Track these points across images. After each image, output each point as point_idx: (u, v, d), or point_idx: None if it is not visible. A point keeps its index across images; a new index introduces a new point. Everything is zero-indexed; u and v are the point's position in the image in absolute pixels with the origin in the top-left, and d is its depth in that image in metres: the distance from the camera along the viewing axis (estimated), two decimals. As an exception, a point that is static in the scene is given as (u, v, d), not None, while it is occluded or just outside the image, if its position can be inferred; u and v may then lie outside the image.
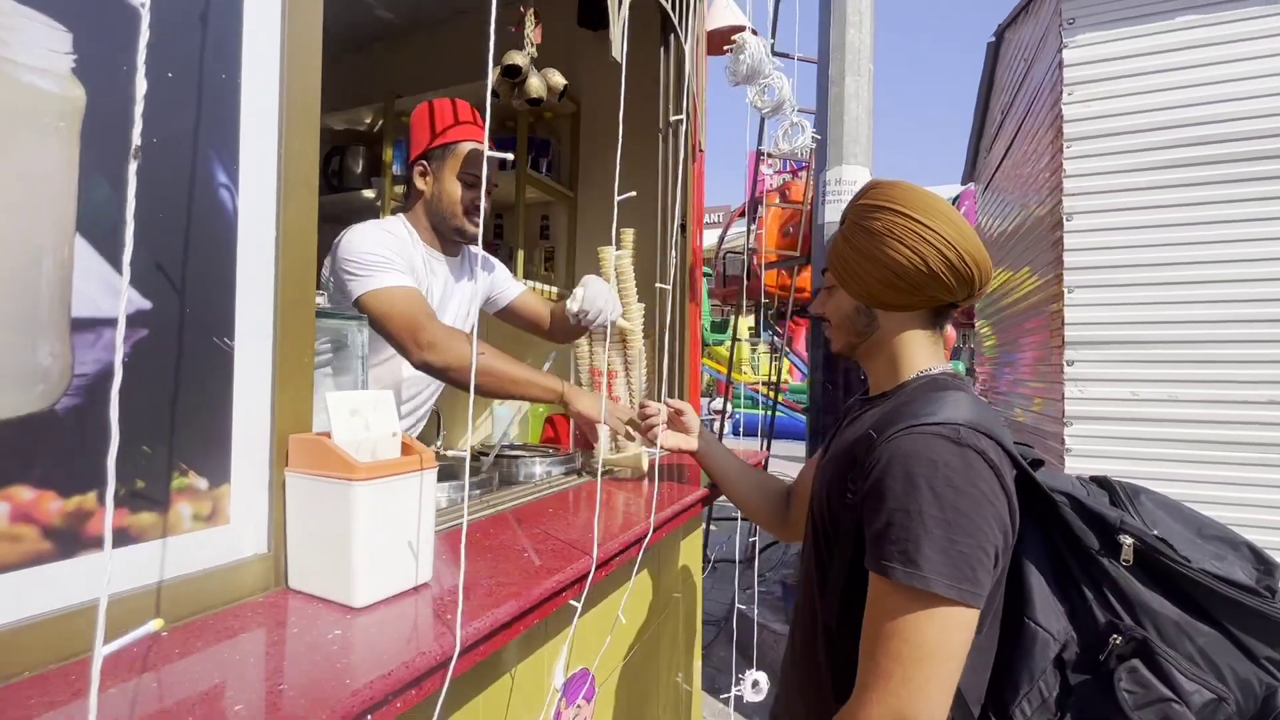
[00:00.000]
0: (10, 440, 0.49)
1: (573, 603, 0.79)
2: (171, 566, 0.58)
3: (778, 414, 3.83)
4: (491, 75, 1.32)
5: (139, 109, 0.31)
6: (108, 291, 0.54)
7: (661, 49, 1.89)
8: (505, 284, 1.67)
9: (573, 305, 1.39)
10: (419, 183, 1.40)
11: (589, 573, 0.80)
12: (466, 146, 1.39)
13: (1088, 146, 1.78)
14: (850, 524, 0.79)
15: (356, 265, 1.23)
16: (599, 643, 1.11)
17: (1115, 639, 0.73)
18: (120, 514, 0.55)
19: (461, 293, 1.53)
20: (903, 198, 0.85)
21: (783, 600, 3.18)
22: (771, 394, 4.02)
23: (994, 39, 2.75)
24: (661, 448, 1.21)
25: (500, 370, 1.27)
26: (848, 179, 3.49)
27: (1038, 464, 0.87)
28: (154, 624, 0.32)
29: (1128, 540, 0.75)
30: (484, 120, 1.39)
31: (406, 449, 0.72)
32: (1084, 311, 1.77)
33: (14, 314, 0.49)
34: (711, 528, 3.83)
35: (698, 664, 1.85)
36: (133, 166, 0.31)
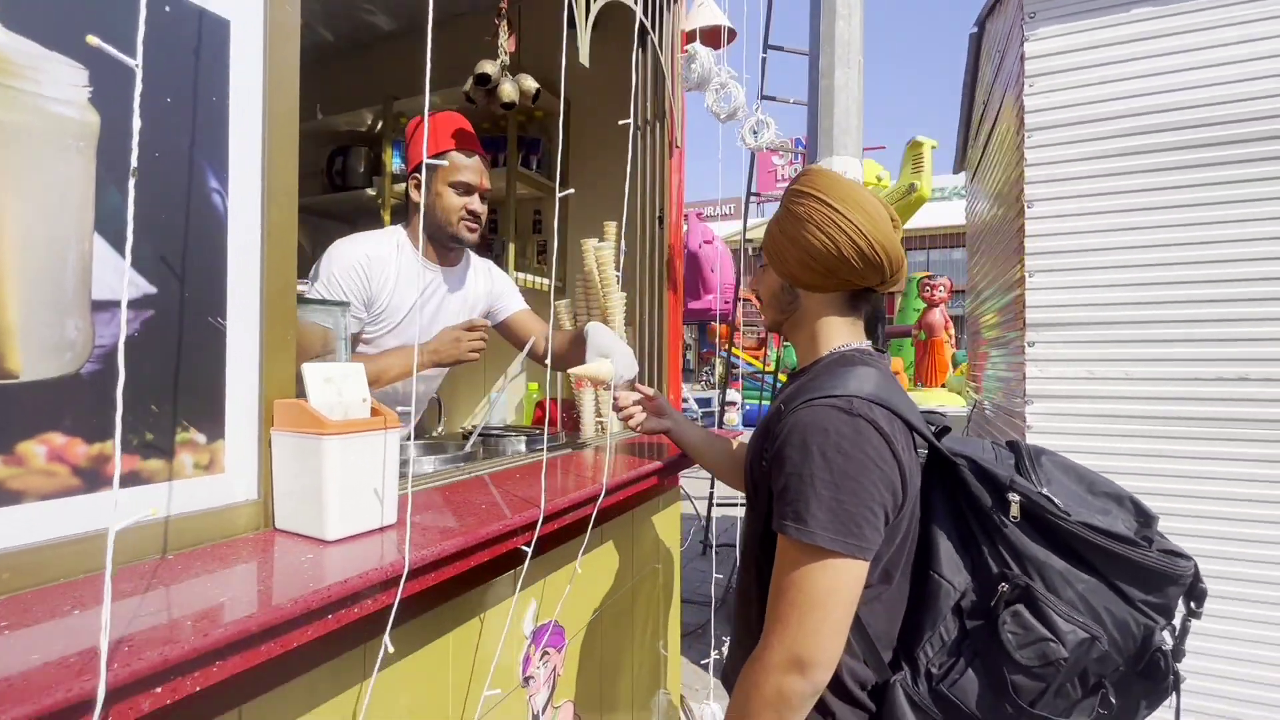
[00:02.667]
0: (46, 397, 0.62)
1: (523, 548, 0.91)
2: (177, 505, 0.71)
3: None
4: (467, 84, 1.44)
5: (135, 138, 0.43)
6: (120, 279, 0.67)
7: (639, 50, 1.99)
8: (506, 299, 1.71)
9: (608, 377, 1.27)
10: (414, 195, 1.46)
11: (537, 521, 0.92)
12: (455, 156, 1.44)
13: (1048, 136, 1.86)
14: (765, 489, 0.88)
15: (314, 279, 1.38)
16: (564, 597, 1.24)
17: (1003, 587, 0.82)
18: (133, 459, 0.68)
19: (457, 303, 1.59)
20: (824, 185, 0.91)
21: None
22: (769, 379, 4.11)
23: (976, 29, 2.80)
24: (639, 430, 1.31)
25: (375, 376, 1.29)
26: (838, 170, 3.56)
27: (944, 431, 0.96)
28: (151, 509, 0.44)
29: (1015, 497, 0.84)
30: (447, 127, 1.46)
31: (375, 413, 0.85)
32: (1044, 295, 1.85)
33: (47, 296, 0.62)
34: (715, 513, 3.95)
35: (676, 632, 1.97)
36: (131, 182, 0.42)
